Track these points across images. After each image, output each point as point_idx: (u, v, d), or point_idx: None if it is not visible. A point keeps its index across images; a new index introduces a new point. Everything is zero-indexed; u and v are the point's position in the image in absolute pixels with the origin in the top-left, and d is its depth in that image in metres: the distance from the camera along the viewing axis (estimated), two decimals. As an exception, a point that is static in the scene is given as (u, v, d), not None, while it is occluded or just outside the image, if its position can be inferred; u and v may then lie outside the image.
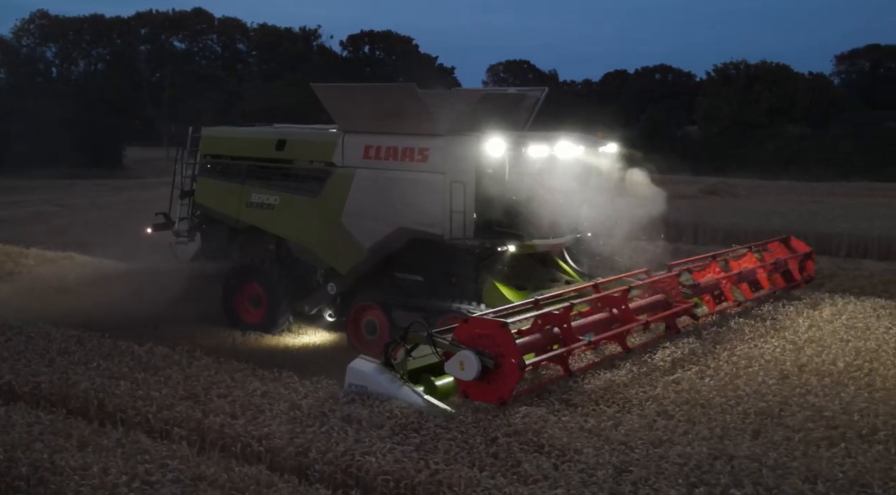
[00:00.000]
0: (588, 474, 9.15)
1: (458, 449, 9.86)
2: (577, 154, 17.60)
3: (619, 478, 9.05)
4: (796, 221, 31.68)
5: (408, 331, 12.37)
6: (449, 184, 16.46)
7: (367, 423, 10.66)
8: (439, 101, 17.52)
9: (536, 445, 10.01)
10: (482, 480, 8.95)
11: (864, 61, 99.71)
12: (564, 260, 18.35)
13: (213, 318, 19.27)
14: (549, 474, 9.19)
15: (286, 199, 18.90)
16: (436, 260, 17.20)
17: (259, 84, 78.83)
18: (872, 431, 10.40)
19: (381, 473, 9.22)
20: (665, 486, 8.82)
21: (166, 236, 20.82)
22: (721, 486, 8.80)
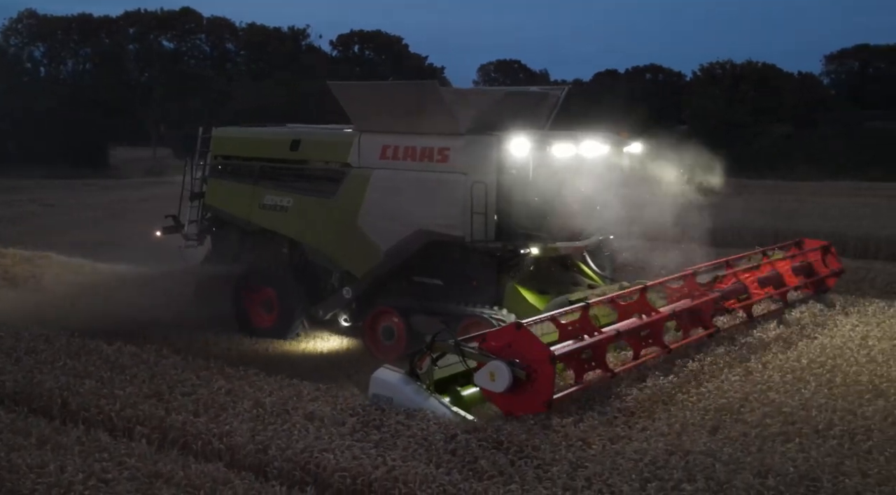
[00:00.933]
0: (544, 470, 9.24)
1: (418, 446, 9.91)
2: (601, 153, 17.15)
3: (574, 474, 9.11)
4: (779, 219, 31.74)
5: (434, 339, 11.90)
6: (470, 185, 16.03)
7: (330, 421, 10.75)
8: (460, 100, 17.04)
9: (495, 442, 10.03)
10: (438, 476, 9.03)
11: (853, 61, 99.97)
12: (586, 263, 17.88)
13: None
14: (505, 470, 9.27)
15: (300, 201, 18.47)
16: (456, 263, 16.79)
17: (248, 84, 78.35)
18: (828, 426, 10.45)
19: (338, 470, 9.27)
20: (618, 481, 8.89)
21: (146, 235, 20.66)
22: (674, 481, 8.86)
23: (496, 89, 19.57)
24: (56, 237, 29.47)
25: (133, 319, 17.37)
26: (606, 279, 17.55)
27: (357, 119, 17.95)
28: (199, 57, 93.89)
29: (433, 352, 11.78)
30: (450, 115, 16.41)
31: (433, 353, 11.77)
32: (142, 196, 42.60)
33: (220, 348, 17.26)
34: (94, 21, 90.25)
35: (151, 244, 21.31)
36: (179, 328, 17.76)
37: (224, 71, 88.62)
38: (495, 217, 16.13)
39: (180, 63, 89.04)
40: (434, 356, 11.76)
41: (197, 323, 18.14)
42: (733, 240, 26.98)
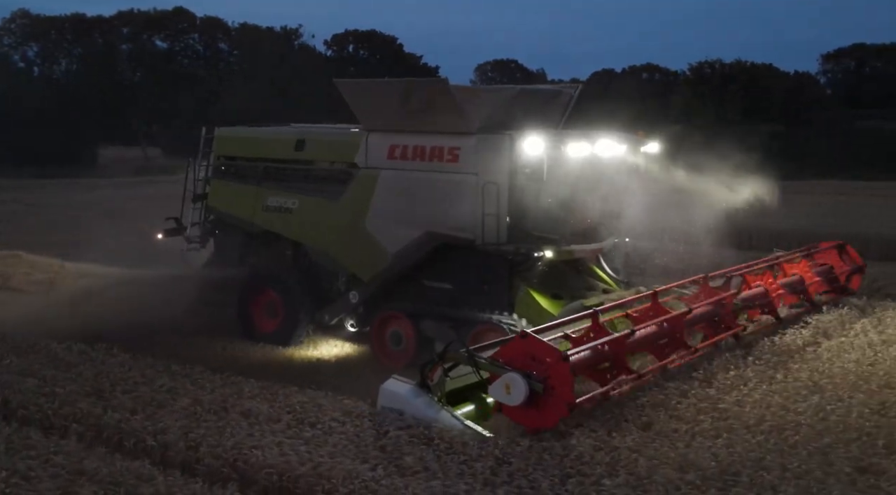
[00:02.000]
0: (468, 465, 9.26)
1: (349, 442, 9.96)
2: (617, 153, 16.70)
3: (498, 469, 9.14)
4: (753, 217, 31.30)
5: (446, 349, 11.40)
6: (481, 186, 15.61)
7: (265, 418, 10.80)
8: (471, 98, 16.64)
9: (426, 438, 10.02)
10: (362, 472, 9.01)
11: (849, 60, 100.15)
12: (601, 266, 17.44)
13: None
14: (430, 466, 9.28)
15: (305, 202, 18.06)
16: (466, 266, 16.32)
17: (239, 83, 78.07)
18: (758, 421, 10.46)
19: (265, 467, 9.26)
20: (540, 477, 8.93)
21: (128, 237, 20.50)
22: (595, 476, 8.90)
23: (508, 87, 19.17)
24: (31, 236, 29.32)
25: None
26: (621, 283, 17.14)
27: (364, 118, 17.53)
28: (192, 57, 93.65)
29: (445, 362, 11.25)
30: (460, 113, 15.98)
31: (445, 364, 11.24)
32: (125, 195, 42.91)
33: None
34: (87, 21, 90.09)
35: (124, 243, 21.94)
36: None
37: (217, 71, 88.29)
38: (507, 219, 15.72)
39: (173, 63, 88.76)
40: (446, 366, 11.23)
41: (183, 327, 17.81)
42: (728, 241, 26.72)
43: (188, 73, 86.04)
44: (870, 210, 37.55)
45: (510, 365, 10.56)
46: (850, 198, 43.14)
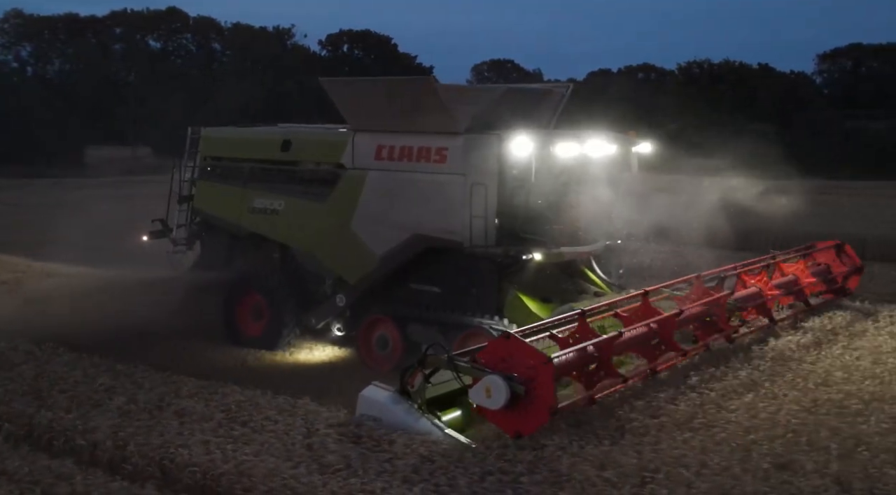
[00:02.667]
0: (391, 463, 9.38)
1: (276, 440, 10.10)
2: (608, 153, 16.41)
3: (420, 467, 9.24)
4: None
5: (426, 354, 11.06)
6: (469, 187, 15.32)
7: (199, 417, 10.94)
8: (458, 97, 16.34)
9: (355, 436, 10.17)
10: (283, 470, 9.13)
11: (845, 60, 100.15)
12: (592, 269, 17.14)
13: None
14: (353, 464, 9.39)
15: (291, 204, 17.81)
16: (454, 269, 16.05)
17: (231, 83, 77.96)
18: (688, 419, 10.57)
19: (189, 465, 9.37)
20: (459, 474, 9.03)
21: (99, 237, 20.65)
22: (514, 474, 9.01)
23: (496, 86, 18.94)
24: (5, 236, 29.72)
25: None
26: (614, 286, 16.85)
27: (351, 117, 17.27)
28: (185, 56, 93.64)
29: (425, 367, 10.96)
30: (448, 112, 15.69)
31: (425, 369, 10.95)
32: (105, 195, 42.78)
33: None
34: (80, 21, 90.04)
35: (96, 243, 22.33)
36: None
37: (210, 70, 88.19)
38: (496, 220, 15.46)
39: (166, 62, 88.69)
40: (426, 372, 10.94)
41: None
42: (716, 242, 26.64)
43: (181, 72, 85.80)
44: (855, 210, 38.25)
45: (491, 367, 10.29)
46: (835, 199, 43.59)
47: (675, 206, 16.88)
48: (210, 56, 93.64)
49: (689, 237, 17.53)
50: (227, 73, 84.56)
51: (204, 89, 77.39)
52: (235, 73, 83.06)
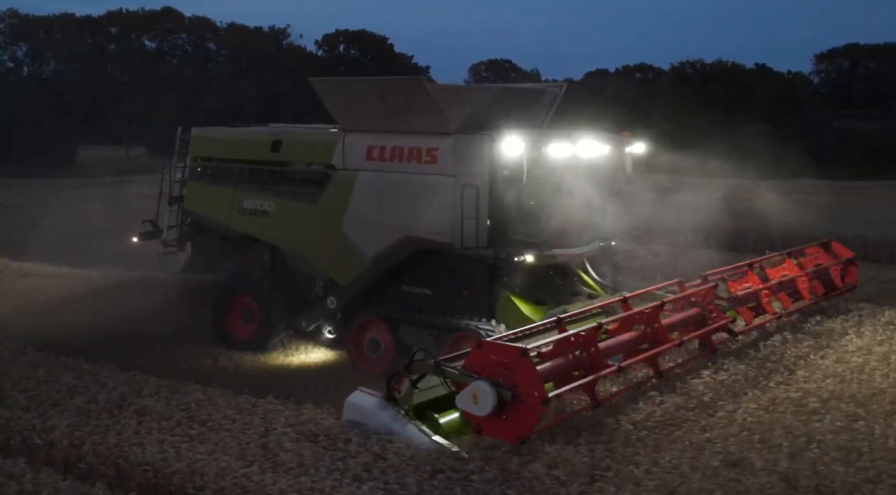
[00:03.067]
0: (344, 462, 9.51)
1: (232, 439, 10.25)
2: (601, 153, 16.22)
3: (372, 466, 9.37)
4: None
5: (412, 359, 10.92)
6: (460, 188, 15.19)
7: (158, 416, 11.11)
8: (450, 96, 16.18)
9: (312, 435, 10.35)
10: (235, 469, 9.25)
11: (843, 60, 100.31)
12: (586, 271, 17.01)
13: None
14: (306, 462, 9.51)
15: (282, 205, 17.72)
16: (446, 271, 15.92)
17: (225, 83, 77.99)
18: (646, 418, 10.63)
19: (142, 464, 9.52)
20: (410, 471, 9.19)
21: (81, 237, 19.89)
22: (465, 471, 9.13)
23: (489, 86, 18.78)
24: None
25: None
26: (608, 288, 16.69)
27: (341, 118, 17.16)
28: (181, 56, 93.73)
29: (412, 373, 10.82)
30: (438, 112, 15.57)
31: (412, 375, 10.82)
32: (94, 195, 43.22)
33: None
34: (76, 21, 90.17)
35: (64, 243, 22.71)
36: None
37: (206, 70, 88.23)
38: (487, 222, 15.27)
39: (161, 62, 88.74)
40: (413, 378, 10.80)
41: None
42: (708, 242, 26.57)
43: (176, 72, 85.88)
44: (845, 210, 38.04)
45: (478, 373, 10.12)
46: (817, 198, 42.71)
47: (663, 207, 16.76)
48: (205, 56, 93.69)
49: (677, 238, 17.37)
50: (222, 73, 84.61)
51: (199, 89, 77.52)
52: (230, 73, 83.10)
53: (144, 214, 19.87)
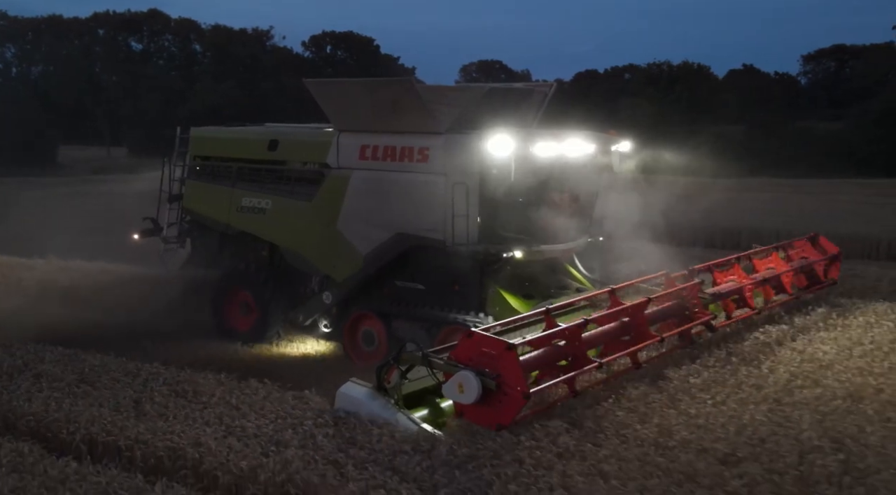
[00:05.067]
0: (202, 412, 10.78)
1: (110, 395, 11.36)
2: (587, 152, 16.69)
3: (225, 414, 10.70)
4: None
5: (401, 351, 11.34)
6: (451, 186, 15.53)
7: (52, 378, 12.09)
8: (440, 97, 16.47)
9: (182, 392, 11.54)
10: (105, 416, 10.44)
11: (829, 61, 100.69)
12: (575, 266, 17.43)
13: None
14: (169, 412, 10.73)
15: (278, 203, 18.06)
16: (437, 267, 16.23)
17: (209, 84, 78.24)
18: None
19: (27, 415, 10.69)
20: (254, 417, 10.52)
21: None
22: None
23: (478, 86, 19.02)
24: None
25: None
26: (596, 283, 17.06)
27: (335, 118, 17.50)
28: (167, 58, 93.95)
29: (401, 364, 11.21)
30: (429, 113, 15.95)
31: (401, 366, 11.20)
32: (65, 193, 43.51)
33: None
34: (64, 22, 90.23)
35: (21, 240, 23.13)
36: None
37: (191, 72, 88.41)
38: (477, 219, 15.63)
39: (147, 64, 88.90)
40: (403, 369, 11.18)
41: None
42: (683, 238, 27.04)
43: (161, 73, 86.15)
44: (804, 207, 38.49)
45: (464, 364, 10.53)
46: (783, 195, 44.73)
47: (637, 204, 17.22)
48: (191, 58, 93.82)
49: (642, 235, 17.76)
50: (206, 73, 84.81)
51: (182, 90, 77.75)
52: (214, 73, 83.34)
53: (115, 211, 20.37)
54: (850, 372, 12.32)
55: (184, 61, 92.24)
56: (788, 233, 22.79)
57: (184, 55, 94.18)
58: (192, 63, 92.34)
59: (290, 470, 9.06)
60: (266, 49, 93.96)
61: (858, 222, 31.72)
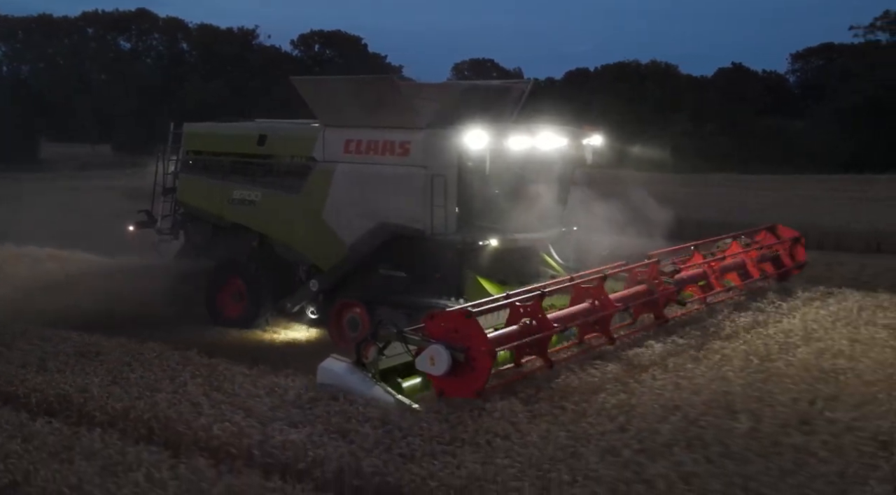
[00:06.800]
0: (91, 363, 12.79)
1: (21, 356, 13.22)
2: (560, 146, 17.50)
3: (121, 370, 12.44)
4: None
5: (378, 328, 12.16)
6: (430, 178, 16.27)
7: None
8: (419, 94, 17.38)
9: (81, 354, 13.35)
10: (12, 371, 12.37)
11: (818, 59, 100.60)
12: (550, 254, 18.11)
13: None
14: (65, 368, 12.61)
15: (268, 196, 18.73)
16: (418, 255, 16.94)
17: (197, 83, 78.73)
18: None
19: None
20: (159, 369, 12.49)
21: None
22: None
23: (456, 83, 19.74)
24: None
25: None
26: (570, 270, 17.48)
27: (320, 114, 18.18)
28: (156, 57, 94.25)
29: (378, 341, 11.94)
30: (409, 108, 16.70)
31: (379, 342, 11.93)
32: (37, 189, 43.57)
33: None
34: (54, 21, 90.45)
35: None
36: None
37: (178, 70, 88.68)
38: (456, 209, 16.37)
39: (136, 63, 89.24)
40: (380, 345, 11.91)
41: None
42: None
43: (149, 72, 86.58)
44: (762, 201, 39.97)
45: (436, 338, 11.34)
46: (740, 190, 46.10)
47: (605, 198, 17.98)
48: (178, 57, 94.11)
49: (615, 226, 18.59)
50: (193, 72, 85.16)
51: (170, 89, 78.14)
52: (200, 72, 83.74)
53: (87, 204, 21.04)
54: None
55: (171, 60, 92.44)
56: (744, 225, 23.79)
57: (171, 54, 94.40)
58: (179, 62, 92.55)
59: (156, 410, 10.75)
60: (252, 48, 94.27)
61: (811, 214, 32.97)
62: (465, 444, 9.64)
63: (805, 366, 12.46)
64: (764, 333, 14.33)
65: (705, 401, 10.85)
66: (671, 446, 9.34)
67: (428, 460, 9.17)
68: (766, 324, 14.96)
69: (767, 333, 14.32)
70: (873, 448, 9.38)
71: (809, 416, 10.31)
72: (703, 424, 10.01)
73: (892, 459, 9.12)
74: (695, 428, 9.91)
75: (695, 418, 10.22)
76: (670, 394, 11.16)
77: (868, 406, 10.73)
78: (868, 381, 11.72)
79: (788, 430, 9.85)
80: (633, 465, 8.85)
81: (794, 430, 9.84)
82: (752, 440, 9.57)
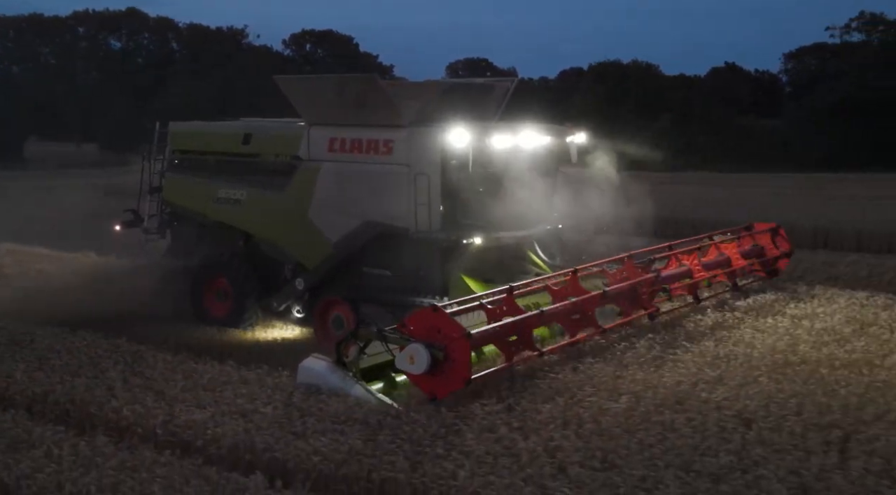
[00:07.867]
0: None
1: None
2: (544, 143, 17.56)
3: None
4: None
5: (358, 327, 12.22)
6: (414, 177, 16.33)
7: None
8: (403, 92, 17.39)
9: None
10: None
11: (811, 59, 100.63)
12: (536, 252, 18.17)
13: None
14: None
15: (253, 195, 18.73)
16: (403, 254, 16.94)
17: (186, 82, 78.75)
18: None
19: None
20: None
21: None
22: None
23: (439, 81, 19.69)
24: None
25: None
26: (554, 268, 17.65)
27: (305, 112, 18.21)
28: (146, 56, 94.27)
29: (358, 340, 12.01)
30: (392, 107, 16.74)
31: (359, 341, 11.99)
32: (20, 187, 43.81)
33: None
34: (45, 21, 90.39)
35: None
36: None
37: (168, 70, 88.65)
38: (440, 208, 16.40)
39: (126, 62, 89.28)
40: (361, 344, 11.97)
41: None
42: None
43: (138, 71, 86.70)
44: (742, 198, 40.27)
45: (416, 337, 11.39)
46: (715, 188, 46.73)
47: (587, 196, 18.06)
48: (169, 56, 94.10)
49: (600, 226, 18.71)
50: (182, 72, 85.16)
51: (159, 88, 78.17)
52: (190, 72, 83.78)
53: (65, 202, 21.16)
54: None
55: (161, 60, 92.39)
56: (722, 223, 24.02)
57: (161, 54, 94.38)
58: (170, 61, 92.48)
59: (73, 394, 11.56)
60: (241, 48, 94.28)
61: (785, 212, 32.68)
62: (356, 423, 10.29)
63: (702, 352, 13.05)
64: (679, 326, 14.83)
65: (595, 385, 11.44)
66: (548, 424, 10.06)
67: (316, 437, 9.84)
68: (682, 318, 15.41)
69: (681, 326, 14.85)
70: (734, 424, 9.98)
71: (686, 397, 10.89)
72: (586, 405, 10.62)
73: (748, 434, 9.69)
74: (576, 408, 10.55)
75: (580, 398, 10.87)
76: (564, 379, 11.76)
77: (746, 387, 11.27)
78: (755, 366, 12.28)
79: (662, 409, 10.45)
80: (506, 441, 9.63)
81: (667, 409, 10.44)
82: (625, 418, 10.20)
